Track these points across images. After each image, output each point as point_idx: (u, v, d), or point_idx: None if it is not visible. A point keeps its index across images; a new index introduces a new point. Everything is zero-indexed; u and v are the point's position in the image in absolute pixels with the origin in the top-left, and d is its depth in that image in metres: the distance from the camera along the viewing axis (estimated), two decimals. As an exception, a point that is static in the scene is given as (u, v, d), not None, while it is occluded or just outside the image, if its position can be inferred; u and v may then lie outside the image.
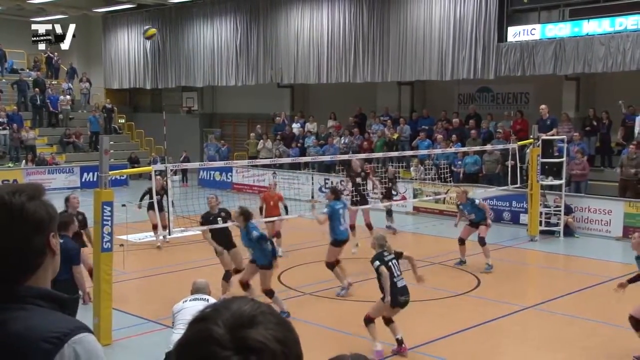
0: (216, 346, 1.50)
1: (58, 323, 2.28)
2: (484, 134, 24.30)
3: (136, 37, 36.52)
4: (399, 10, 26.41)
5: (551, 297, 13.75)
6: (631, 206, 19.37)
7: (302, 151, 27.71)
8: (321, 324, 11.37)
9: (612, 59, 21.40)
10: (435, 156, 23.15)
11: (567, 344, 11.31)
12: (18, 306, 2.29)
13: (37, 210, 2.38)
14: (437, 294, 13.55)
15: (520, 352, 11.30)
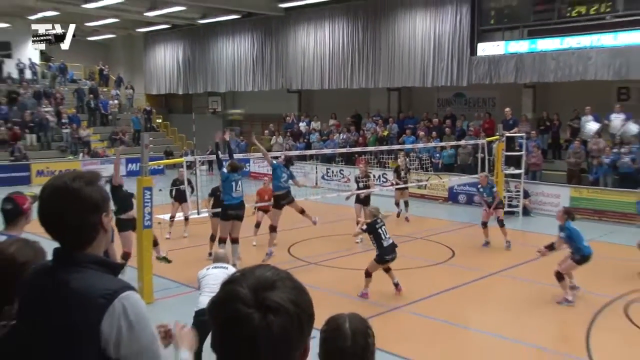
0: (241, 304, 1.55)
1: (110, 283, 2.36)
2: (458, 132, 24.35)
3: (171, 52, 36.62)
4: (388, 28, 26.38)
5: (511, 265, 13.83)
6: (575, 191, 19.60)
7: (308, 145, 27.72)
8: (324, 288, 11.41)
9: (561, 72, 21.52)
10: (419, 150, 23.15)
11: (525, 301, 11.39)
12: (78, 269, 2.37)
13: (92, 194, 2.44)
14: (419, 263, 13.67)
15: (488, 309, 11.40)
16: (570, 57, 21.33)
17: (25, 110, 30.64)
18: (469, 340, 9.81)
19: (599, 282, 12.31)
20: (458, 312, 10.99)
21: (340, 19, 28.06)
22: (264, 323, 1.53)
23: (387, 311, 10.58)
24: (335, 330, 2.76)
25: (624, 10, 20.43)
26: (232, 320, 1.56)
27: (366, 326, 2.85)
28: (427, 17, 25.11)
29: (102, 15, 31.48)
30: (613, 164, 19.55)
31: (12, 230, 4.48)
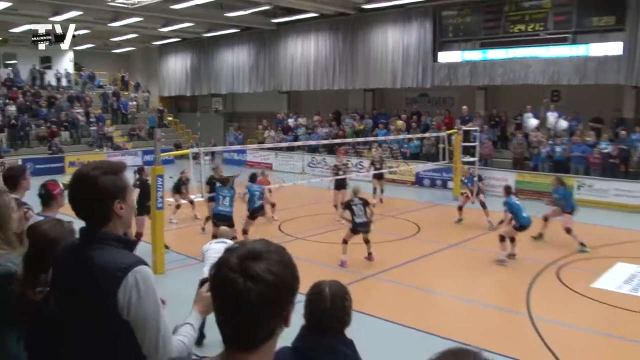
0: (228, 270, 1.56)
1: (126, 258, 2.37)
2: (423, 126, 24.35)
3: (181, 60, 36.45)
4: (364, 39, 26.39)
5: (468, 238, 14.00)
6: (519, 175, 19.81)
7: (295, 138, 27.60)
8: (310, 259, 11.55)
9: (507, 76, 21.82)
10: (390, 141, 23.29)
11: (478, 268, 11.60)
12: (100, 245, 2.38)
13: (106, 183, 2.39)
14: (390, 237, 13.77)
15: (448, 276, 11.56)
16: (514, 65, 21.62)
17: (61, 112, 30.65)
18: (433, 302, 9.98)
19: (536, 251, 12.62)
20: (423, 278, 11.14)
21: (323, 32, 28.01)
22: (244, 288, 1.53)
23: (363, 278, 10.69)
24: (316, 294, 2.79)
25: (554, 29, 20.80)
26: (220, 281, 1.58)
27: (344, 291, 2.86)
28: (396, 30, 25.15)
29: (125, 32, 31.35)
30: (549, 153, 19.82)
31: (47, 212, 4.58)
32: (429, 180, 22.22)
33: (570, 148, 19.40)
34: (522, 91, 22.24)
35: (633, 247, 13.06)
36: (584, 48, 20.31)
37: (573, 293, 9.92)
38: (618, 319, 8.82)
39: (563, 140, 19.83)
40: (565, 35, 20.55)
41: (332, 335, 2.69)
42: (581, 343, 7.97)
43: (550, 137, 20.40)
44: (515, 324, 8.63)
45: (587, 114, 20.56)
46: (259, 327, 1.59)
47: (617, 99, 20.75)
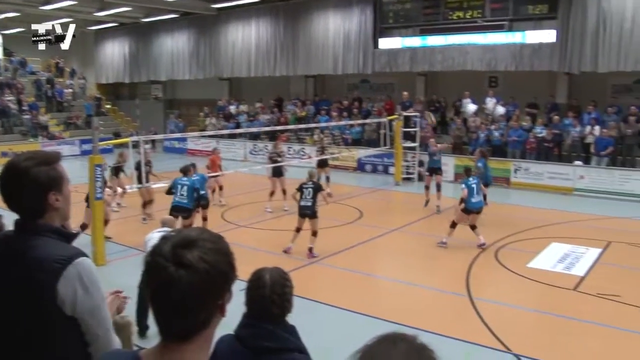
0: (161, 257, 1.52)
1: (65, 250, 2.29)
2: (364, 112, 24.48)
3: (118, 46, 35.43)
4: (305, 25, 26.32)
5: (409, 222, 14.22)
6: (459, 160, 20.08)
7: (237, 125, 27.44)
8: (252, 247, 11.55)
9: (446, 63, 22.22)
10: (332, 127, 23.35)
11: (419, 252, 11.82)
12: (36, 237, 2.29)
13: (39, 174, 2.30)
14: (332, 223, 13.73)
15: (390, 259, 11.81)
16: (452, 51, 22.02)
17: (-11, 99, 29.33)
18: (375, 286, 10.11)
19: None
20: (366, 263, 11.27)
21: (264, 18, 27.76)
22: (175, 275, 1.49)
23: (307, 264, 10.74)
24: (256, 281, 2.77)
25: (491, 17, 21.30)
26: (152, 270, 1.55)
27: (284, 278, 2.83)
28: (337, 17, 25.18)
29: (58, 16, 30.18)
30: (487, 137, 20.30)
31: None
32: (370, 166, 22.43)
33: (507, 133, 19.93)
34: (461, 77, 22.70)
35: (566, 228, 13.57)
36: (519, 35, 20.88)
37: (510, 273, 10.24)
38: (552, 297, 9.17)
39: (500, 125, 20.35)
40: (502, 22, 21.07)
41: (272, 322, 2.69)
42: (518, 321, 8.23)
43: (488, 122, 20.87)
44: (456, 305, 8.82)
45: (523, 100, 21.17)
46: (192, 316, 1.55)
47: (551, 85, 21.43)
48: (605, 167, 17.93)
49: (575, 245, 11.87)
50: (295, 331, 2.72)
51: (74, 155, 27.18)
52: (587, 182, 17.84)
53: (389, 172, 21.24)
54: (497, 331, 7.66)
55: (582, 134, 19.00)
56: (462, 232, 12.66)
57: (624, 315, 8.31)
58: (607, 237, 12.53)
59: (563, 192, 17.87)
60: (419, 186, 19.56)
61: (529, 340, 7.51)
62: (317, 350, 3.01)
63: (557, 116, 19.66)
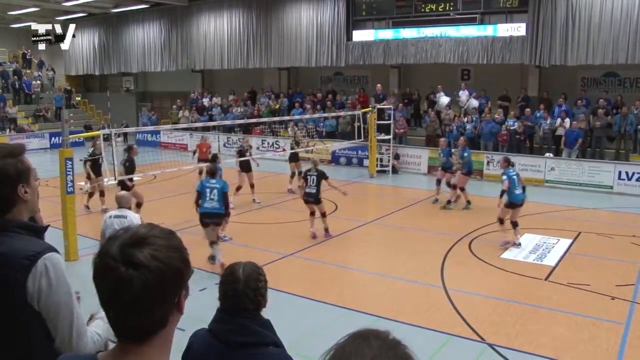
0: (109, 258, 1.47)
1: (33, 245, 2.24)
2: (338, 104, 24.51)
3: (88, 37, 34.81)
4: (278, 17, 26.25)
5: (384, 214, 14.30)
6: (433, 152, 20.06)
7: (210, 118, 27.33)
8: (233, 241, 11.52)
9: (419, 55, 22.38)
10: (305, 120, 23.31)
11: (394, 244, 11.92)
12: (5, 233, 2.25)
13: (6, 167, 2.27)
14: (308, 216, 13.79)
15: (365, 252, 11.86)
16: (425, 44, 22.17)
17: (-48, 91, 28.69)
18: (351, 278, 10.17)
19: (450, 225, 13.06)
20: (341, 255, 11.33)
21: (237, 9, 27.58)
22: (126, 276, 1.44)
23: (282, 257, 10.75)
24: (229, 275, 2.77)
25: (463, 9, 21.53)
26: (101, 272, 1.49)
27: (258, 272, 2.82)
28: (310, 8, 25.14)
29: (24, 5, 29.61)
30: (460, 130, 20.47)
31: None
32: (345, 159, 22.45)
33: (480, 126, 20.13)
34: (434, 70, 22.86)
35: (538, 219, 13.79)
36: (491, 28, 21.12)
37: (484, 264, 10.39)
38: (525, 287, 9.33)
39: (473, 117, 20.55)
40: (474, 15, 21.25)
41: (247, 317, 2.69)
42: (492, 311, 8.35)
43: (462, 115, 21.05)
44: (431, 296, 8.92)
45: (495, 92, 21.41)
46: (147, 317, 1.50)
47: (523, 78, 21.72)
48: (575, 159, 18.23)
49: (546, 236, 12.11)
50: (270, 325, 2.73)
51: (43, 149, 26.88)
52: (558, 174, 18.12)
53: (364, 164, 21.28)
54: (471, 321, 7.78)
55: (552, 126, 19.28)
56: (436, 224, 12.78)
57: (593, 304, 8.53)
58: (577, 228, 12.79)
59: (534, 184, 18.10)
60: (393, 178, 19.78)
61: (503, 329, 7.64)
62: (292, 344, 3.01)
63: (528, 109, 19.92)
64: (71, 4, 28.95)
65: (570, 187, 17.71)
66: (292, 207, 14.62)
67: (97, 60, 34.54)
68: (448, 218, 13.93)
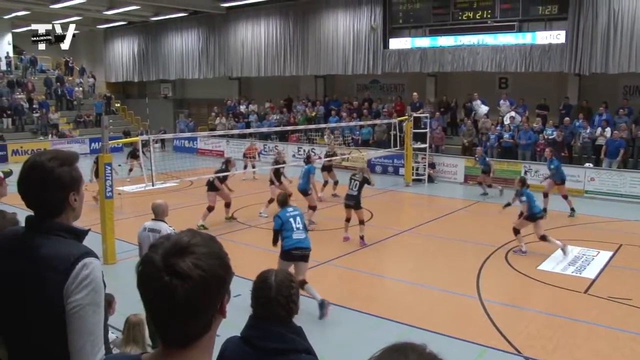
0: (153, 268, 1.48)
1: (74, 248, 2.31)
2: (374, 112, 24.47)
3: (127, 45, 35.61)
4: (315, 25, 26.40)
5: (419, 223, 14.22)
6: (469, 161, 20.06)
7: (247, 125, 27.56)
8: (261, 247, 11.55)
9: (456, 63, 22.23)
10: (341, 128, 23.33)
11: (429, 253, 11.85)
12: (47, 236, 2.31)
13: (63, 174, 2.34)
14: (342, 224, 13.62)
15: (400, 260, 11.80)
16: (462, 52, 22.03)
17: (0, 98, 29.60)
18: (385, 287, 10.14)
19: (486, 235, 12.90)
20: (376, 264, 11.30)
21: (274, 17, 27.84)
22: (170, 285, 1.45)
23: (317, 265, 10.65)
24: (262, 282, 2.80)
25: (500, 17, 21.32)
26: (145, 280, 1.52)
27: (290, 280, 2.86)
28: (347, 16, 25.20)
29: (67, 14, 30.42)
30: (497, 139, 20.23)
31: None
32: (380, 167, 22.38)
33: (517, 135, 19.86)
34: (471, 78, 22.68)
35: (577, 230, 13.56)
36: (529, 36, 20.86)
37: (521, 275, 10.23)
38: (563, 300, 9.15)
39: (511, 126, 20.27)
40: (512, 23, 21.01)
41: (279, 324, 2.70)
42: (529, 323, 8.21)
43: (499, 124, 20.82)
44: (466, 307, 8.82)
45: (533, 101, 21.11)
46: (191, 324, 1.53)
47: (562, 86, 21.36)
48: (616, 169, 17.83)
49: (586, 248, 11.85)
50: (302, 332, 2.74)
51: (83, 154, 27.38)
52: (598, 184, 17.74)
53: (399, 173, 21.19)
54: (507, 333, 7.67)
55: (592, 135, 18.91)
56: (472, 234, 12.65)
57: (634, 318, 8.30)
58: (618, 240, 12.49)
59: (573, 194, 17.73)
60: (429, 187, 19.62)
61: (540, 342, 7.51)
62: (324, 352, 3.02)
63: (567, 117, 19.59)
64: (112, 12, 29.66)
65: (610, 198, 17.33)
66: (327, 214, 14.64)
67: (137, 67, 35.29)
68: (484, 228, 13.76)
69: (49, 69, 37.04)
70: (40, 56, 36.98)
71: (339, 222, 13.10)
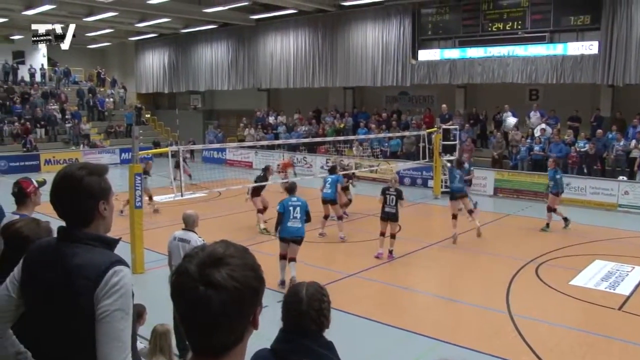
0: (188, 278, 1.50)
1: (105, 257, 2.35)
2: (403, 124, 24.42)
3: (158, 56, 36.22)
4: (343, 36, 26.45)
5: (448, 236, 13.86)
6: (499, 174, 19.96)
7: (276, 136, 27.71)
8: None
9: (486, 75, 22.07)
10: (370, 140, 23.31)
11: (458, 266, 11.76)
12: (78, 245, 2.36)
13: (92, 183, 2.40)
14: (370, 236, 13.48)
15: (428, 274, 11.68)
16: (492, 63, 21.88)
17: (35, 108, 30.32)
18: (414, 300, 10.07)
19: (516, 249, 12.75)
20: (404, 276, 11.25)
21: (303, 29, 28.01)
22: (205, 296, 1.47)
23: (345, 277, 10.73)
24: (293, 296, 2.78)
25: (531, 28, 21.09)
26: (179, 291, 1.52)
27: (321, 293, 2.82)
28: (376, 28, 25.23)
29: (100, 27, 31.08)
30: (527, 151, 20.02)
31: (22, 210, 4.45)
32: (409, 179, 22.26)
33: (548, 147, 19.63)
34: (501, 89, 22.49)
35: (610, 245, 13.29)
36: (561, 47, 20.62)
37: (551, 290, 10.07)
38: (596, 316, 8.99)
39: (542, 139, 20.04)
40: (543, 34, 20.82)
41: (309, 337, 2.69)
42: (559, 340, 8.08)
43: (529, 137, 20.59)
44: (495, 321, 8.72)
45: (565, 113, 20.86)
46: (225, 335, 1.55)
47: (594, 97, 21.07)
48: (651, 182, 17.49)
49: (619, 263, 11.61)
50: (332, 347, 2.73)
51: (113, 164, 27.83)
52: (632, 198, 17.40)
53: (428, 185, 21.08)
54: (537, 349, 7.56)
55: (626, 148, 18.59)
56: (503, 247, 12.51)
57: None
58: (653, 255, 12.21)
59: (607, 208, 17.48)
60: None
61: (571, 359, 7.36)
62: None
63: (600, 129, 19.30)
64: (144, 25, 30.13)
65: (645, 212, 17.00)
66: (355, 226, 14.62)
67: (167, 78, 35.80)
68: (514, 242, 13.59)
69: (81, 81, 37.92)
70: (74, 68, 37.92)
71: (366, 234, 13.10)
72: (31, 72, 35.31)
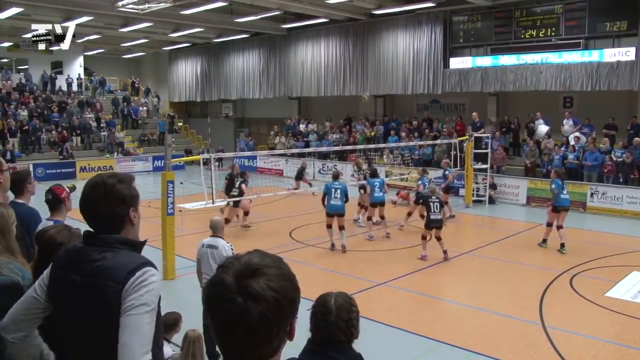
0: (225, 289, 1.47)
1: (133, 259, 2.39)
2: (434, 132, 24.29)
3: (191, 66, 36.64)
4: (374, 44, 26.40)
5: (479, 246, 13.89)
6: (532, 183, 19.67)
7: (307, 144, 27.77)
8: (319, 266, 11.56)
9: (518, 82, 21.77)
10: (401, 148, 23.21)
11: (489, 276, 11.54)
12: (105, 248, 2.40)
13: (123, 190, 2.46)
14: (401, 245, 13.74)
15: (459, 283, 11.53)
16: (525, 70, 21.57)
17: (72, 117, 30.94)
18: (445, 310, 9.93)
19: (549, 259, 12.52)
20: (435, 286, 11.13)
21: (334, 37, 28.05)
22: (244, 307, 1.45)
23: (375, 286, 10.65)
24: (321, 306, 2.74)
25: (565, 35, 20.76)
26: (217, 302, 1.50)
27: (350, 303, 2.80)
28: (407, 36, 25.14)
29: (135, 37, 31.61)
30: (561, 160, 19.68)
31: (56, 216, 4.54)
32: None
33: (583, 156, 19.27)
34: (534, 97, 22.18)
35: (648, 256, 12.92)
36: (596, 53, 20.23)
37: (587, 302, 9.83)
38: (633, 329, 8.71)
39: (576, 146, 19.68)
40: (577, 40, 20.47)
41: (337, 349, 2.66)
42: (595, 353, 7.86)
43: (562, 145, 20.25)
44: (528, 333, 8.52)
45: (600, 120, 20.45)
46: (264, 347, 1.52)
47: (631, 105, 20.62)
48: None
49: (657, 275, 11.28)
50: (361, 359, 2.68)
51: (146, 171, 28.22)
52: (671, 207, 16.96)
53: (460, 194, 20.85)
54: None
55: (664, 156, 18.14)
56: (534, 257, 12.29)
57: None
58: (693, 267, 11.84)
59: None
60: (490, 209, 19.23)
61: (607, 373, 7.17)
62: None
63: (637, 138, 18.87)
64: (177, 35, 30.54)
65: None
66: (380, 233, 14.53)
67: (199, 87, 36.19)
68: (547, 252, 13.33)
69: (116, 90, 38.63)
70: (109, 77, 38.68)
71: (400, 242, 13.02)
72: (68, 82, 36.16)
